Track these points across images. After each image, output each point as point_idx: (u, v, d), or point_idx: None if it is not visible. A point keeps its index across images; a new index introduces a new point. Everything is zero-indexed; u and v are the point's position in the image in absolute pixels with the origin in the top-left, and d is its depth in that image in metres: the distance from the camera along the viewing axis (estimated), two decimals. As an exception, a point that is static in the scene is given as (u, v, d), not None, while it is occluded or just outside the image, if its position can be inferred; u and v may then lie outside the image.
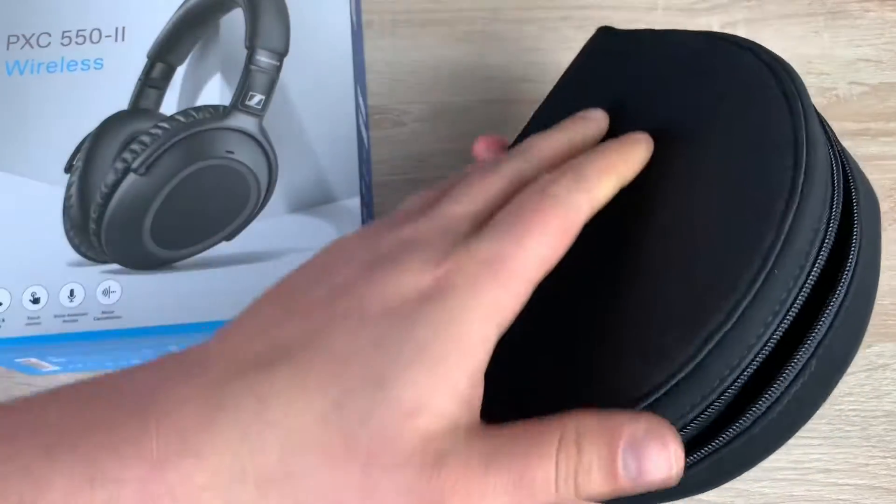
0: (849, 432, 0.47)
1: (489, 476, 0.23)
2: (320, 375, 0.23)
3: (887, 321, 0.49)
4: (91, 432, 0.23)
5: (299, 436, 0.23)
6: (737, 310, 0.24)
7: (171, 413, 0.23)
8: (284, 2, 0.48)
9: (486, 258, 0.25)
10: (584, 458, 0.23)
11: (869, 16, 0.58)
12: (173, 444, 0.23)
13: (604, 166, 0.29)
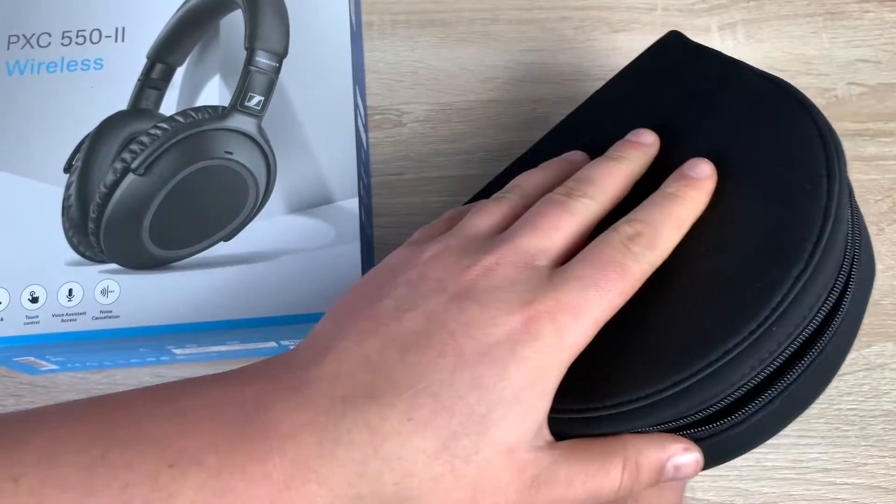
0: (847, 432, 0.47)
1: (570, 489, 0.28)
2: (428, 417, 0.26)
3: (886, 321, 0.49)
4: (214, 449, 0.25)
5: (412, 469, 0.26)
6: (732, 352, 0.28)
7: (290, 440, 0.26)
8: (284, 3, 0.48)
9: (571, 306, 0.28)
10: (643, 475, 0.29)
11: (868, 16, 0.58)
12: (298, 471, 0.25)
13: (677, 222, 0.32)
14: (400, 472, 0.26)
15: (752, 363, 0.28)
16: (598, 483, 0.29)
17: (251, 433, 0.26)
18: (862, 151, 0.54)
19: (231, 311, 0.43)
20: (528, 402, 0.27)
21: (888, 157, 0.53)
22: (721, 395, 0.29)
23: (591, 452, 0.29)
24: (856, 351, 0.49)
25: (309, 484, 0.25)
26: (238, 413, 0.26)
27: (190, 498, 0.25)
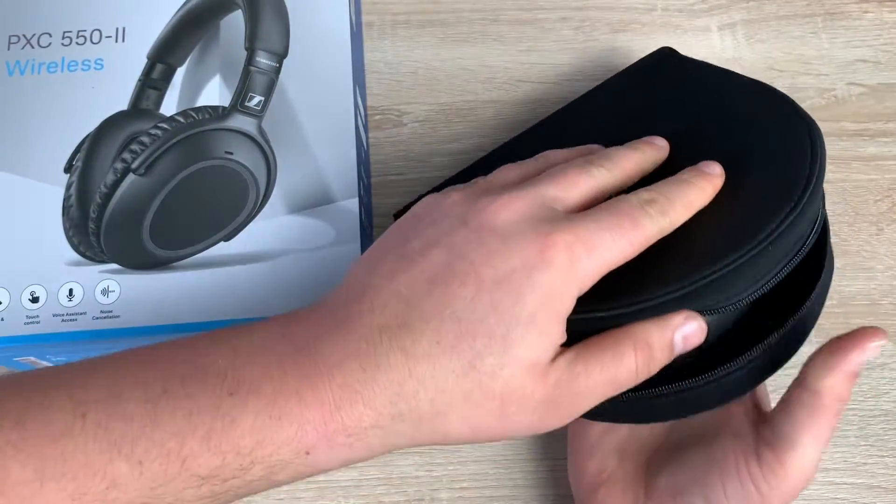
0: (846, 431, 0.47)
1: (590, 381, 0.31)
2: (454, 340, 0.29)
3: (886, 321, 0.49)
4: (269, 379, 0.28)
5: (444, 386, 0.29)
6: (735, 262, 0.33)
7: (337, 367, 0.29)
8: (284, 3, 0.48)
9: (586, 241, 0.31)
10: (655, 354, 0.32)
11: (867, 17, 0.58)
12: (346, 394, 0.28)
13: (688, 202, 0.34)
14: (433, 390, 0.29)
15: (751, 276, 0.33)
16: (615, 370, 0.31)
17: (302, 363, 0.29)
18: (861, 151, 0.54)
19: (231, 311, 0.43)
20: (543, 324, 0.30)
21: (888, 157, 0.53)
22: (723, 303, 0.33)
23: (603, 346, 0.32)
24: (855, 351, 0.49)
25: (356, 405, 0.28)
26: (289, 347, 0.29)
27: (250, 423, 0.27)
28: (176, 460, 0.27)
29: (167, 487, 0.27)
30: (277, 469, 0.28)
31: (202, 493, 0.28)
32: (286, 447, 0.28)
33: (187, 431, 0.27)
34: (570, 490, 0.46)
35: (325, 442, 0.28)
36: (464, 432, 0.30)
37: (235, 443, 0.27)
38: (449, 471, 0.46)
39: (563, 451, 0.47)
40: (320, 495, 0.46)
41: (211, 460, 0.27)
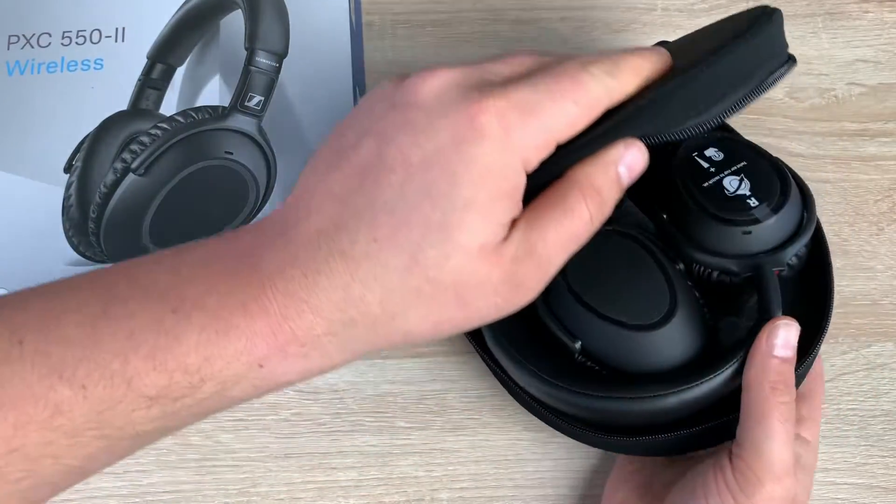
0: (847, 432, 0.47)
1: (547, 246, 0.29)
2: (390, 234, 0.27)
3: (886, 321, 0.49)
4: (213, 292, 0.27)
5: (391, 286, 0.27)
6: None
7: (279, 275, 0.27)
8: (284, 3, 0.48)
9: (520, 104, 0.28)
10: (605, 194, 0.30)
11: (867, 17, 0.58)
12: (291, 302, 0.27)
13: (636, 66, 0.31)
14: (380, 291, 0.27)
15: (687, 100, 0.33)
16: (570, 225, 0.29)
17: (244, 275, 0.27)
18: (861, 151, 0.54)
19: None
20: (484, 205, 0.27)
21: (888, 157, 0.53)
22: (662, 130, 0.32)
23: (551, 204, 0.29)
24: (855, 351, 0.49)
25: (304, 314, 0.27)
26: (231, 261, 0.28)
27: (195, 339, 0.26)
28: (121, 382, 0.26)
29: (115, 411, 0.26)
30: (230, 384, 0.27)
31: (153, 415, 0.26)
32: (236, 361, 0.27)
33: (130, 351, 0.26)
34: (569, 490, 0.46)
35: (278, 353, 0.27)
36: (425, 329, 0.28)
37: (181, 360, 0.26)
38: (449, 471, 0.46)
39: (563, 451, 0.47)
40: (320, 495, 0.46)
41: (157, 379, 0.26)
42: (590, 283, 0.42)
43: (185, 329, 0.26)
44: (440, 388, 0.48)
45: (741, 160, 0.44)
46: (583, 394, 0.40)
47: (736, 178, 0.43)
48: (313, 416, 0.48)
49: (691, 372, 0.40)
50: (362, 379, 0.48)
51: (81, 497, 0.46)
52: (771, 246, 0.42)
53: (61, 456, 0.26)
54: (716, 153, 0.44)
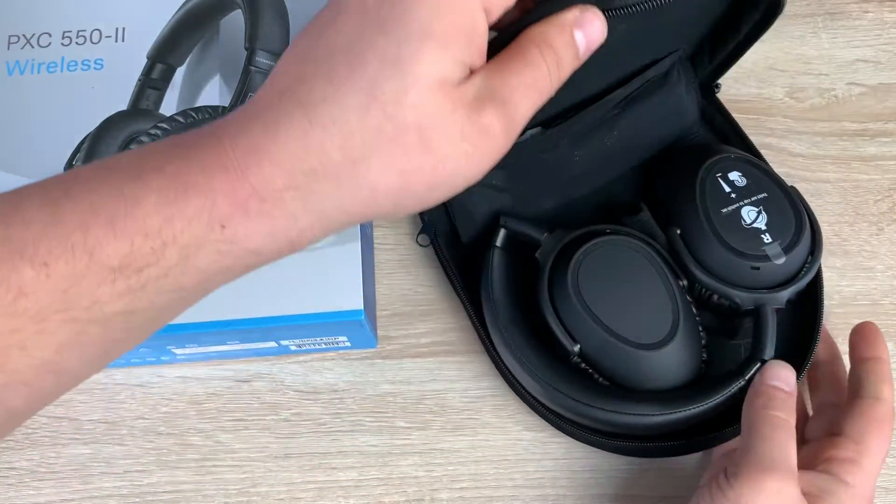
0: (847, 432, 0.47)
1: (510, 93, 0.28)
2: (346, 73, 0.26)
3: (886, 321, 0.49)
4: (172, 158, 0.26)
5: (349, 128, 0.26)
6: None
7: (238, 134, 0.27)
8: (284, 3, 0.48)
9: None
10: (561, 53, 0.30)
11: (867, 16, 0.58)
12: (250, 157, 0.26)
13: None
14: (339, 134, 0.26)
15: None
16: (530, 73, 0.29)
17: (204, 142, 0.27)
18: (861, 152, 0.54)
19: (231, 311, 0.43)
20: (441, 37, 0.26)
21: (888, 157, 0.53)
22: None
23: (510, 56, 0.29)
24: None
25: (263, 165, 0.26)
26: (195, 137, 0.27)
27: (154, 200, 0.25)
28: (82, 254, 0.25)
29: (79, 287, 0.25)
30: (194, 250, 0.26)
31: (118, 290, 0.26)
32: (197, 221, 0.26)
33: (90, 221, 0.25)
34: (569, 490, 0.46)
35: (240, 211, 0.26)
36: (391, 181, 0.27)
37: (141, 223, 0.25)
38: (449, 471, 0.46)
39: (563, 451, 0.47)
40: (320, 495, 0.46)
41: (119, 247, 0.25)
42: (596, 292, 0.42)
43: (145, 193, 0.26)
44: (440, 388, 0.48)
45: (763, 191, 0.44)
46: (572, 398, 0.42)
47: (755, 210, 0.44)
48: (313, 416, 0.48)
49: (681, 397, 0.41)
50: (362, 379, 0.49)
51: (81, 497, 0.46)
52: (775, 284, 0.43)
53: (30, 346, 0.25)
54: (739, 178, 0.45)
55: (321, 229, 0.28)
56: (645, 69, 0.48)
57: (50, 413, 0.48)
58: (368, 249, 0.49)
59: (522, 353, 0.43)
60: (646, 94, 0.48)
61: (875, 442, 0.39)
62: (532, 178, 0.48)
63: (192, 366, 0.49)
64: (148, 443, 0.47)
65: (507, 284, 0.45)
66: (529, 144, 0.47)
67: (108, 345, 0.27)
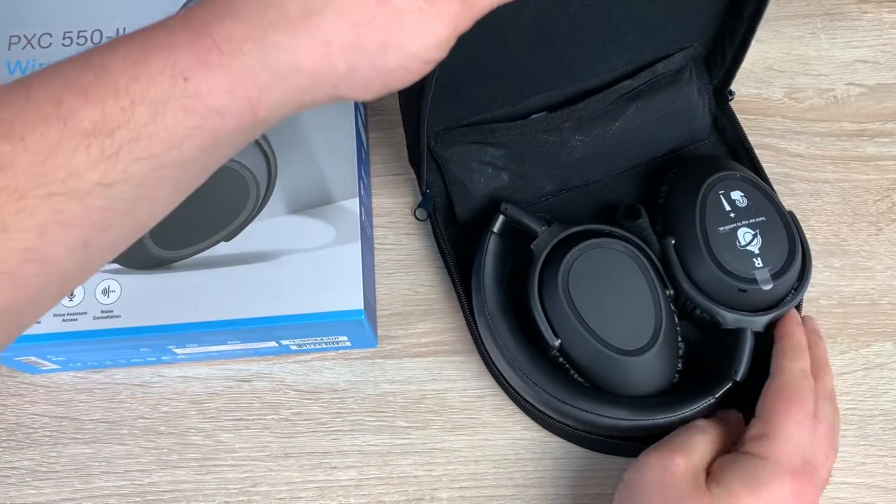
0: (846, 431, 0.47)
1: None
2: None
3: (885, 321, 0.49)
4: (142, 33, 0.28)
5: None
6: None
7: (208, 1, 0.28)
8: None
9: None
10: None
11: (866, 17, 0.58)
12: (214, 13, 0.27)
13: None
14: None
15: None
16: None
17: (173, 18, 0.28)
18: (860, 152, 0.54)
19: (231, 311, 0.43)
20: None
21: (887, 157, 0.54)
22: None
23: None
24: (854, 351, 0.49)
25: (224, 19, 0.27)
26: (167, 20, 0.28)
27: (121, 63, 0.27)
28: (56, 123, 0.25)
29: (55, 158, 0.25)
30: (160, 106, 0.26)
31: (93, 157, 0.26)
32: (161, 76, 0.26)
33: (63, 92, 0.26)
34: (569, 490, 0.46)
35: (200, 62, 0.27)
36: (345, 35, 0.28)
37: (111, 85, 0.26)
38: (449, 471, 0.47)
39: (563, 451, 0.47)
40: (320, 494, 0.46)
41: (91, 112, 0.26)
42: (584, 291, 0.43)
43: (112, 59, 0.27)
44: (440, 388, 0.48)
45: (762, 215, 0.45)
46: (546, 392, 0.43)
47: (751, 232, 0.44)
48: (313, 416, 0.48)
49: (651, 406, 0.42)
50: (362, 379, 0.49)
51: (82, 496, 0.46)
52: (758, 308, 0.44)
53: (10, 227, 0.25)
54: (741, 198, 0.45)
55: (280, 92, 0.28)
56: (654, 63, 0.48)
57: (51, 413, 0.48)
58: (368, 249, 0.49)
59: (504, 340, 0.43)
60: (654, 89, 0.49)
61: (781, 412, 0.39)
62: (532, 159, 0.48)
63: (193, 365, 0.49)
64: (148, 442, 0.47)
65: (498, 271, 0.46)
66: (532, 125, 0.47)
67: (88, 230, 0.27)
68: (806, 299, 0.50)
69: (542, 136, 0.48)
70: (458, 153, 0.48)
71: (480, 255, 0.45)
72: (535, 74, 0.47)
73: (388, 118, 0.55)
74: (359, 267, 0.44)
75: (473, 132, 0.47)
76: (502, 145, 0.47)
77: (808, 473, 0.38)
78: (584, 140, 0.48)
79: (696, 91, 0.49)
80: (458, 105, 0.46)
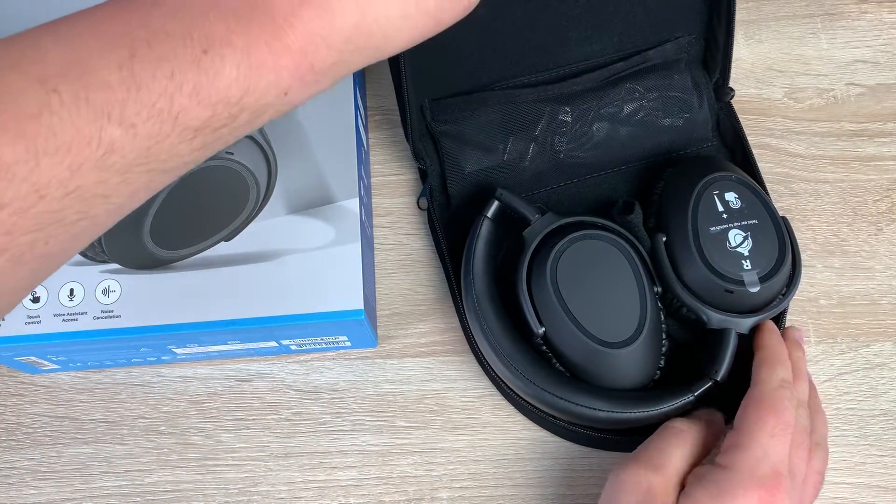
0: (846, 431, 0.47)
1: None
2: None
3: (885, 321, 0.49)
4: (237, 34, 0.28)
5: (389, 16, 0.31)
6: None
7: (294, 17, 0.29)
8: None
9: None
10: None
11: (866, 17, 0.58)
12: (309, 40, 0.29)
13: None
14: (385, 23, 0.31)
15: None
16: None
17: (258, 17, 0.29)
18: (860, 152, 0.54)
19: (231, 311, 0.43)
20: None
21: (886, 157, 0.54)
22: None
23: None
24: (854, 351, 0.49)
25: (320, 49, 0.30)
26: (238, 4, 0.29)
27: (233, 75, 0.28)
28: (168, 118, 0.27)
29: (162, 145, 0.28)
30: (261, 111, 0.30)
31: (194, 146, 0.29)
32: (268, 93, 0.29)
33: (174, 90, 0.27)
34: (568, 489, 0.46)
35: (299, 82, 0.30)
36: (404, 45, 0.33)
37: (224, 94, 0.28)
38: (449, 470, 0.47)
39: (563, 450, 0.47)
40: (320, 494, 0.46)
41: (202, 113, 0.28)
42: (571, 281, 0.43)
43: (223, 66, 0.28)
44: (440, 388, 0.48)
45: (754, 217, 0.45)
46: (527, 379, 0.43)
47: (742, 234, 0.44)
48: (313, 416, 0.48)
49: (631, 400, 0.42)
50: (362, 378, 0.49)
51: (82, 496, 0.46)
52: (744, 310, 0.44)
53: (111, 195, 0.28)
54: (735, 200, 0.45)
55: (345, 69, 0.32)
56: (647, 51, 0.50)
57: (51, 413, 0.48)
58: (368, 249, 0.49)
59: (489, 324, 0.44)
60: (645, 74, 0.50)
61: (753, 422, 0.39)
62: (523, 131, 0.49)
63: (193, 365, 0.49)
64: (149, 442, 0.47)
65: (490, 257, 0.46)
66: (523, 94, 0.49)
67: (167, 182, 0.30)
68: (806, 299, 0.50)
69: (533, 105, 0.49)
70: (451, 128, 0.49)
71: (472, 238, 0.46)
72: (526, 52, 0.48)
73: (389, 118, 0.55)
74: (359, 267, 0.44)
75: (465, 101, 0.49)
76: (494, 114, 0.48)
77: (778, 483, 0.37)
78: (575, 115, 0.49)
79: (690, 81, 0.50)
80: (451, 73, 0.48)
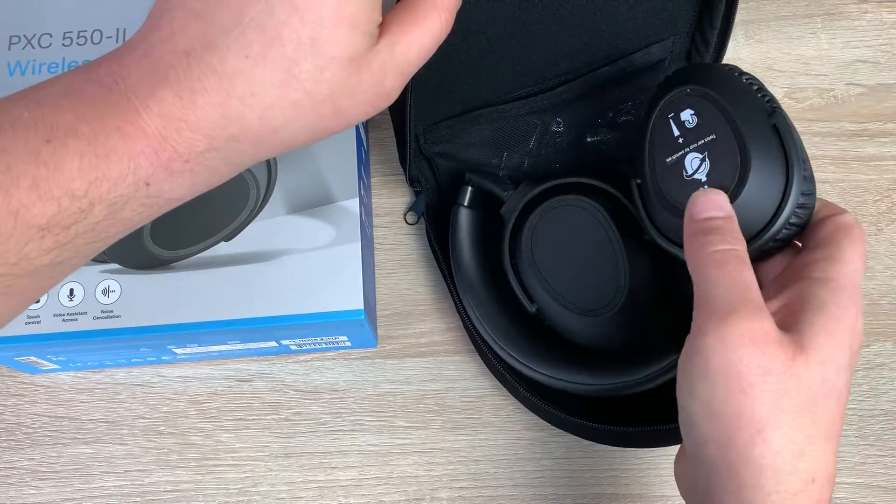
0: (846, 431, 0.47)
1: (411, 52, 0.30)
2: (261, 51, 0.27)
3: (885, 321, 0.49)
4: (84, 120, 0.26)
5: (268, 102, 0.28)
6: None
7: (149, 97, 0.27)
8: (284, 3, 0.48)
9: None
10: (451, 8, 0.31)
11: (866, 17, 0.58)
12: (168, 122, 0.27)
13: None
14: (259, 106, 0.28)
15: None
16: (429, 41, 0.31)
17: (113, 101, 0.27)
18: (860, 152, 0.54)
19: (231, 311, 0.43)
20: (352, 16, 0.28)
21: (887, 157, 0.54)
22: None
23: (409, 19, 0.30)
24: (854, 350, 0.49)
25: (183, 132, 0.27)
26: (95, 88, 0.27)
27: (76, 165, 0.26)
28: (7, 216, 0.25)
29: (6, 246, 0.25)
30: (120, 206, 0.27)
31: (46, 246, 0.26)
32: (122, 182, 0.27)
33: (10, 185, 0.25)
34: (568, 489, 0.46)
35: (163, 171, 0.27)
36: (304, 139, 0.30)
37: (67, 186, 0.26)
38: (449, 471, 0.47)
39: (563, 450, 0.47)
40: (320, 494, 0.46)
41: (45, 208, 0.26)
42: (548, 255, 0.43)
43: (64, 156, 0.26)
44: (440, 388, 0.48)
45: (711, 132, 0.38)
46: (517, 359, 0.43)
47: (698, 157, 0.38)
48: (313, 416, 0.48)
49: (613, 368, 0.42)
50: (362, 378, 0.49)
51: (82, 496, 0.46)
52: None
53: None
54: (691, 118, 0.39)
55: (236, 172, 0.30)
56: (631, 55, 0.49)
57: (51, 413, 0.48)
58: (368, 249, 0.49)
59: (482, 311, 0.44)
60: (632, 77, 0.49)
61: (846, 242, 0.34)
62: (517, 145, 0.49)
63: (193, 365, 0.49)
64: (149, 442, 0.47)
65: (475, 243, 0.46)
66: (514, 109, 0.48)
67: (34, 292, 0.28)
68: (806, 299, 0.50)
69: (524, 119, 0.49)
70: (445, 147, 0.49)
71: (452, 230, 0.46)
72: (515, 67, 0.47)
73: (389, 118, 0.55)
74: (359, 267, 0.44)
75: (459, 122, 0.48)
76: (487, 132, 0.49)
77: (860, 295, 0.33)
78: (564, 119, 0.49)
79: None
80: (443, 101, 0.47)
